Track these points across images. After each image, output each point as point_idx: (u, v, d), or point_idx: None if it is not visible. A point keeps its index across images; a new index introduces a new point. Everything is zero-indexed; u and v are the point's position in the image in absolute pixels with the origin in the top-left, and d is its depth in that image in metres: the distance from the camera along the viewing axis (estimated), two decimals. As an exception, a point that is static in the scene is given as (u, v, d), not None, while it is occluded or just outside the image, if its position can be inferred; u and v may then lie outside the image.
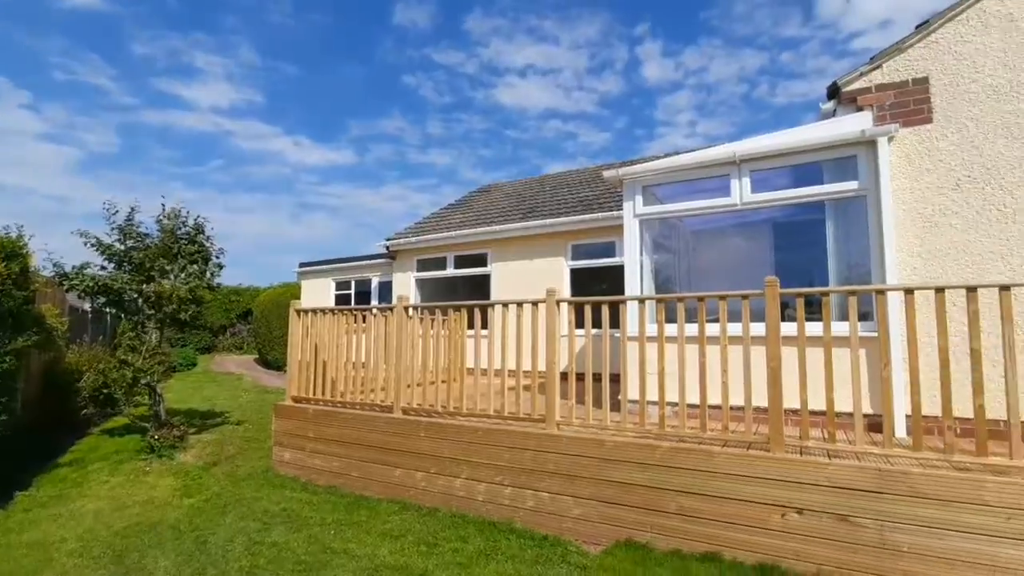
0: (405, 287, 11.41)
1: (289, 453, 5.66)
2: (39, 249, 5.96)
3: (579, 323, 4.32)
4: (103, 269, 6.86)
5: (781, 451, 3.44)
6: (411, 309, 5.29)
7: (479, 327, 4.78)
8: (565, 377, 4.26)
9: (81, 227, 6.70)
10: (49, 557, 3.82)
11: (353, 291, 14.58)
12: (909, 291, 3.33)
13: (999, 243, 4.26)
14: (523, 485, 4.19)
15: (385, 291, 13.47)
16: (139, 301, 6.91)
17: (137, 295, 6.86)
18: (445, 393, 4.98)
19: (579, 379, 4.25)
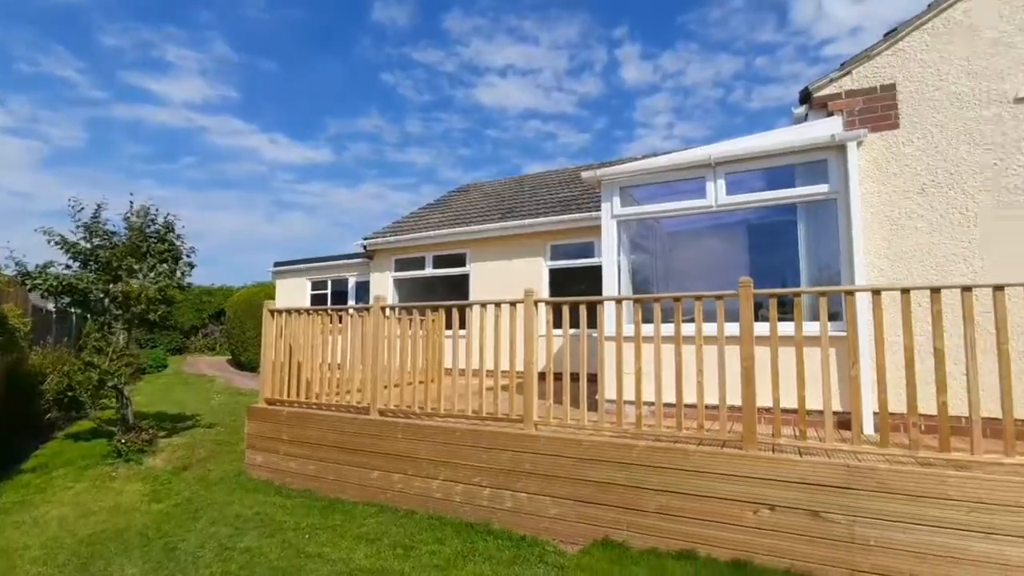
0: (383, 287, 11.30)
1: (262, 456, 5.55)
2: (0, 247, 5.75)
3: (557, 323, 4.33)
4: (68, 268, 6.66)
5: (754, 449, 3.50)
6: (388, 309, 5.24)
7: (457, 327, 4.76)
8: (543, 377, 4.27)
9: (45, 224, 6.50)
10: (12, 565, 3.68)
11: (330, 291, 14.39)
12: (876, 292, 3.42)
13: (962, 246, 4.41)
14: (501, 486, 4.18)
15: (362, 291, 13.32)
16: (106, 301, 6.72)
17: (104, 295, 6.68)
18: (423, 394, 4.95)
19: (557, 379, 4.27)
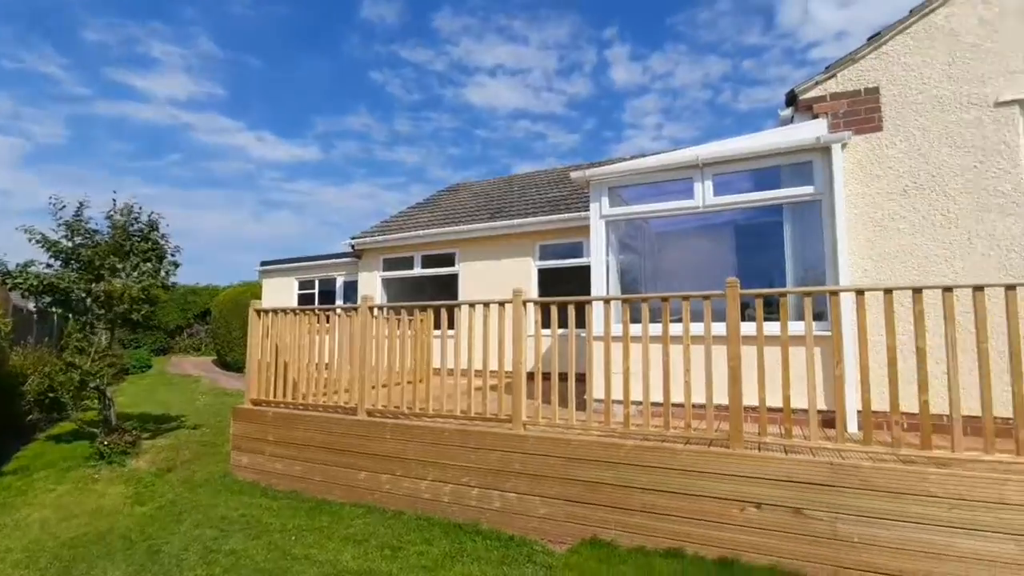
0: (371, 287, 11.24)
1: (248, 458, 5.49)
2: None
3: (546, 323, 4.34)
4: (49, 267, 6.54)
5: (741, 447, 3.53)
6: (376, 309, 5.21)
7: (445, 327, 4.74)
8: (532, 377, 4.27)
9: (26, 223, 6.40)
10: (-9, 569, 3.62)
11: (317, 291, 14.29)
12: (860, 292, 3.47)
13: (943, 247, 4.49)
14: (490, 486, 4.18)
15: (350, 291, 13.24)
16: (87, 300, 6.60)
17: (86, 294, 6.56)
18: (411, 394, 4.93)
19: (545, 379, 4.27)
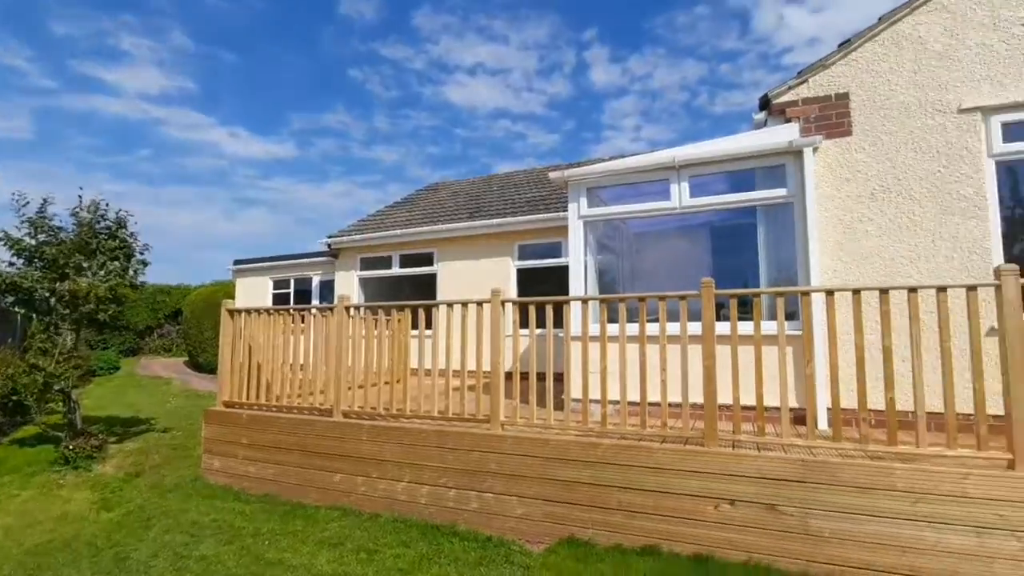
0: (348, 286, 11.11)
1: (220, 461, 5.37)
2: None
3: (524, 323, 4.34)
4: (11, 265, 6.34)
5: (715, 445, 3.59)
6: (353, 309, 5.15)
7: (423, 327, 4.71)
8: (510, 377, 4.27)
9: (-14, 219, 6.16)
10: (-51, 579, 3.47)
11: (292, 290, 14.07)
12: (830, 293, 3.55)
13: (909, 248, 4.62)
14: (467, 486, 4.16)
15: (326, 290, 13.07)
16: (52, 300, 6.39)
17: (50, 294, 6.34)
18: (388, 395, 4.88)
19: (524, 379, 4.27)
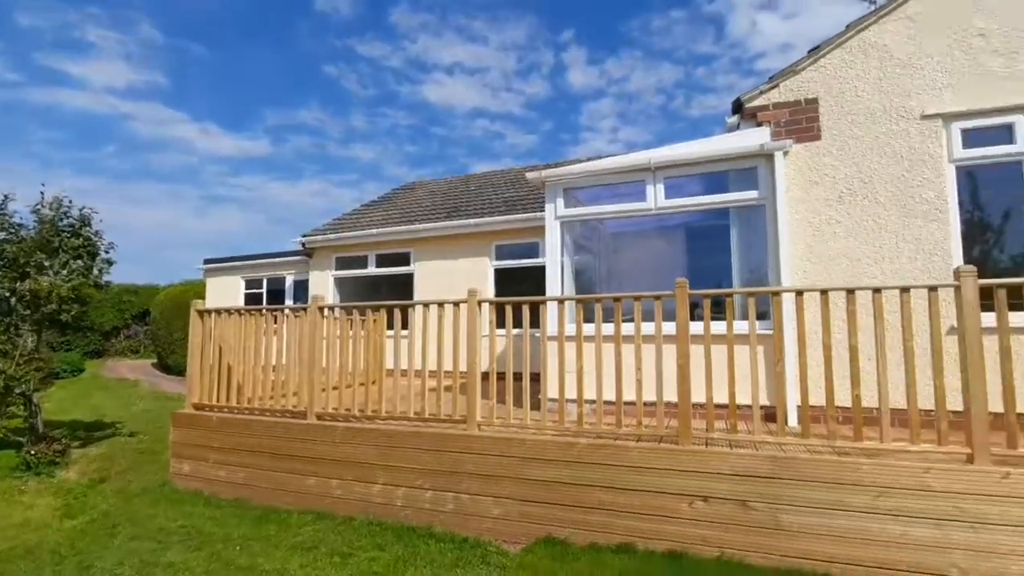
0: (322, 286, 10.95)
1: (189, 465, 5.23)
2: None
3: (501, 323, 4.34)
4: (-33, 264, 6.07)
5: (689, 443, 3.64)
6: (327, 309, 5.07)
7: (399, 327, 4.67)
8: (487, 377, 4.26)
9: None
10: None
11: (265, 290, 13.80)
12: (799, 293, 3.64)
13: (874, 250, 4.77)
14: (444, 488, 4.14)
15: (300, 291, 12.86)
16: (12, 300, 6.16)
17: (10, 293, 6.13)
18: (364, 396, 4.82)
19: (500, 379, 4.27)
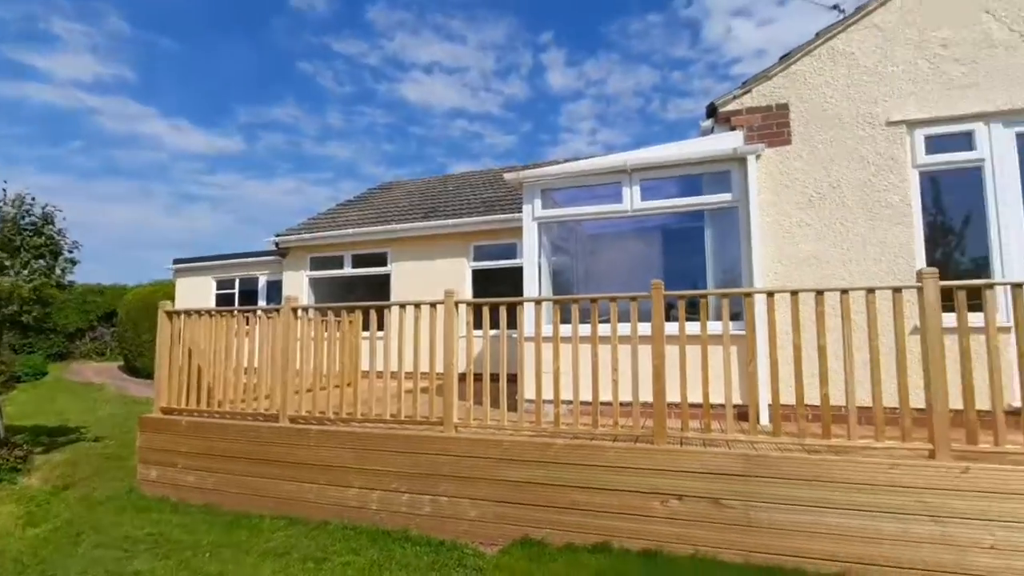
0: (297, 287, 10.77)
1: (157, 471, 5.09)
2: None
3: (478, 324, 4.32)
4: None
5: (664, 442, 3.68)
6: (301, 310, 4.99)
7: (375, 329, 4.62)
8: (464, 378, 4.24)
9: None
10: None
11: (237, 291, 13.51)
12: (770, 294, 3.72)
13: (841, 252, 4.89)
14: (420, 491, 4.11)
15: (274, 291, 12.63)
16: (-32, 302, 5.91)
17: (-34, 295, 5.87)
18: (338, 398, 4.75)
19: (477, 380, 4.25)
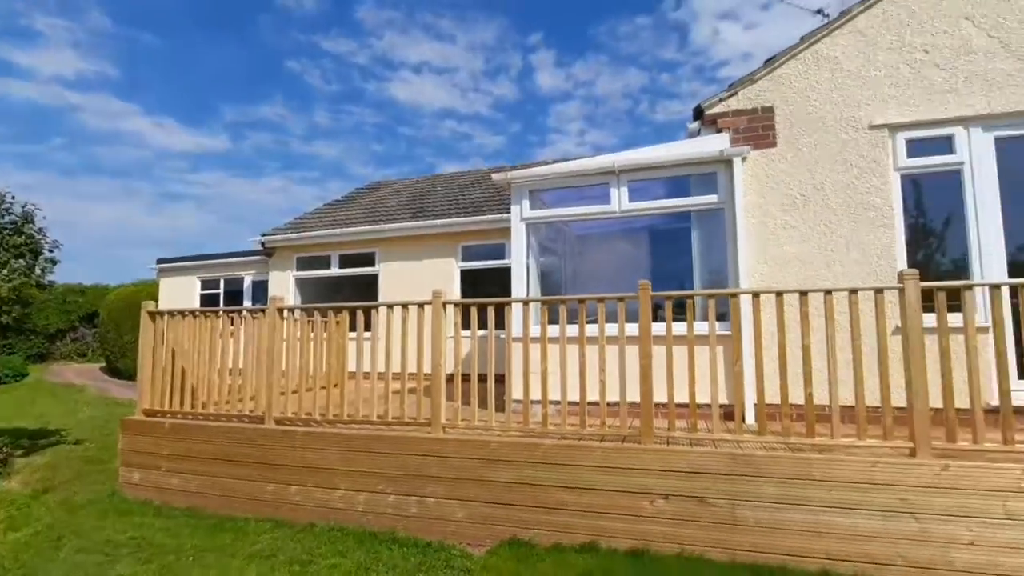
0: (283, 287, 10.68)
1: (140, 474, 5.01)
2: None
3: (466, 325, 4.32)
4: None
5: (651, 442, 3.70)
6: (287, 311, 4.95)
7: (362, 329, 4.59)
8: (451, 379, 4.23)
9: None
10: None
11: (222, 291, 13.34)
12: (756, 295, 3.75)
13: (825, 253, 4.96)
14: (407, 492, 4.09)
15: (260, 292, 12.50)
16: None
17: (-57, 295, 5.75)
18: (325, 400, 4.72)
19: (465, 380, 4.25)
